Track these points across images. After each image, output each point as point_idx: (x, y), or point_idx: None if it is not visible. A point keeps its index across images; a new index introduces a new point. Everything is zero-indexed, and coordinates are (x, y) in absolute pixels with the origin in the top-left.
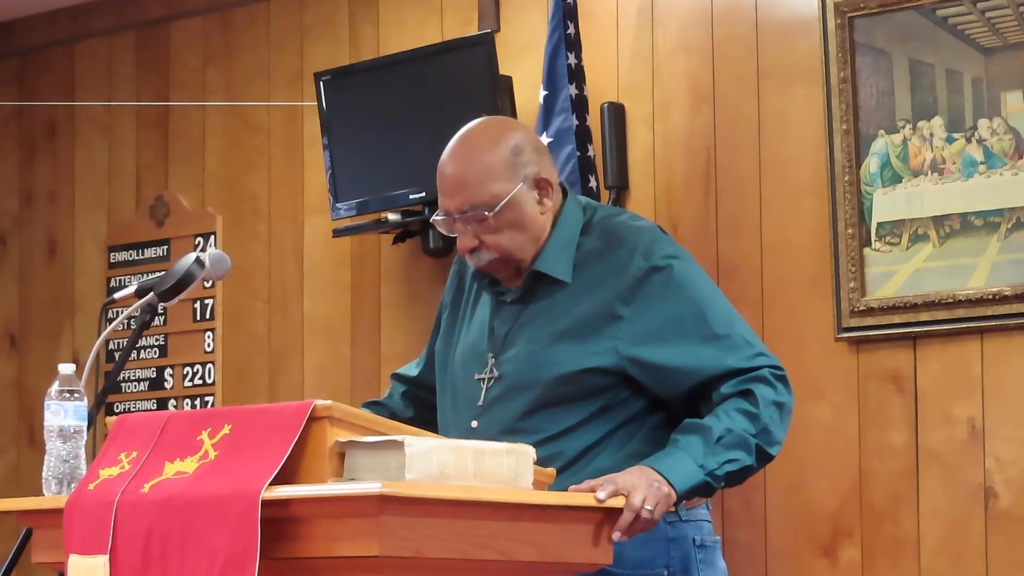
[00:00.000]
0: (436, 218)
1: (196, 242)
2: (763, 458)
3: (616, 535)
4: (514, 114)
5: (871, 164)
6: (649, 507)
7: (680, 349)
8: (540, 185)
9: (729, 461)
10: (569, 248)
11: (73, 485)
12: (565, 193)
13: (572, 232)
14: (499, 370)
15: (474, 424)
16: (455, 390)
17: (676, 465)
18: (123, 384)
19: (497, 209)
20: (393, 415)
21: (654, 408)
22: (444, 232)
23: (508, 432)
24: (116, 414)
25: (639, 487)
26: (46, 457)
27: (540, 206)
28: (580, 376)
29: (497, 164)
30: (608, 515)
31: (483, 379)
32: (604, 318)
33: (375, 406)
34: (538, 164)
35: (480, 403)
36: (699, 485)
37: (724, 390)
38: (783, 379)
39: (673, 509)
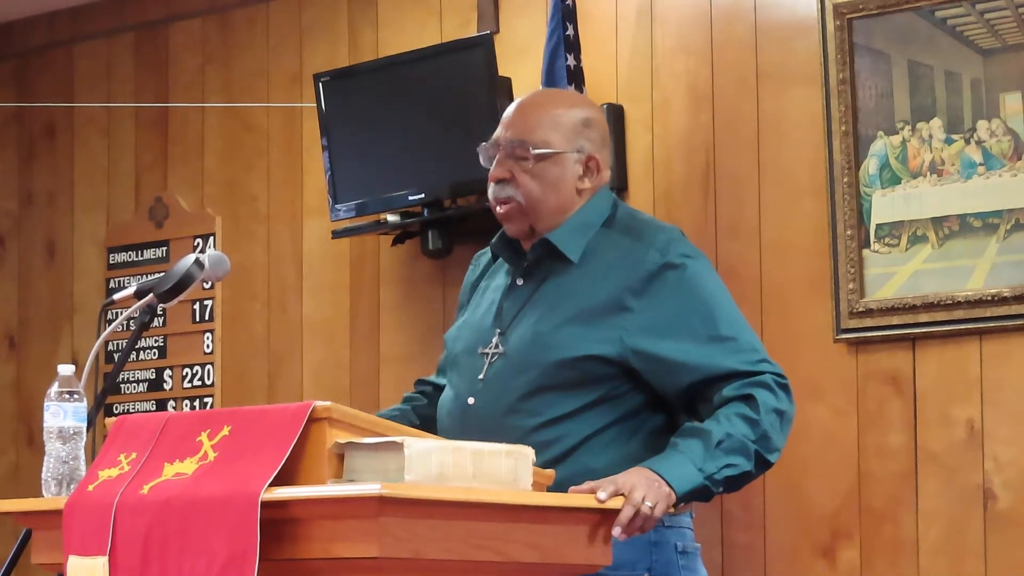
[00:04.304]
0: (482, 145)
1: (195, 243)
2: (762, 465)
3: (616, 531)
4: None
5: (870, 165)
6: (649, 503)
7: (685, 346)
8: (589, 165)
9: (728, 466)
10: (586, 232)
11: (72, 486)
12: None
13: (594, 219)
14: (504, 346)
15: (471, 401)
16: (458, 367)
17: (676, 467)
18: (122, 385)
19: (540, 152)
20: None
21: (654, 408)
22: (482, 161)
23: (507, 412)
24: (115, 415)
25: (639, 485)
26: (45, 458)
27: (579, 182)
28: (581, 362)
29: (564, 121)
30: (607, 516)
31: (487, 353)
32: (613, 307)
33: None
34: (597, 147)
35: (481, 376)
36: (698, 488)
37: (726, 392)
38: (785, 387)
39: (673, 511)
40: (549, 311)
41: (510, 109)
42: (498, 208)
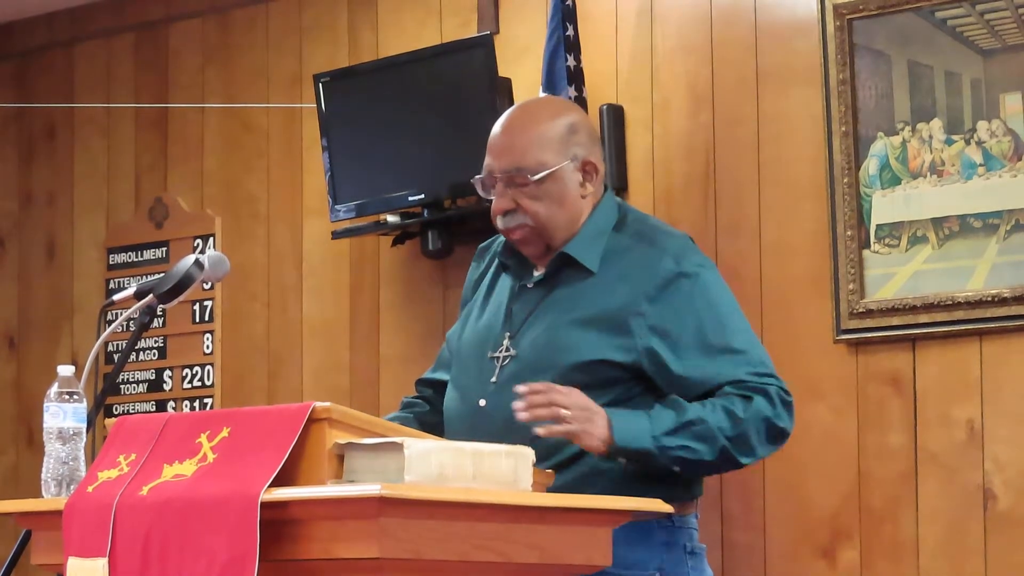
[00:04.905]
0: (477, 178)
1: (195, 244)
2: (729, 462)
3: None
4: None
5: (870, 166)
6: (567, 413)
7: (697, 359)
8: (586, 169)
9: (686, 448)
10: (600, 240)
11: (72, 487)
12: (604, 189)
13: (605, 225)
14: (515, 349)
15: (482, 403)
16: (466, 369)
17: (631, 422)
18: (122, 386)
19: (540, 176)
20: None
21: None
22: (481, 193)
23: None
24: (115, 416)
25: (580, 408)
26: (45, 459)
27: (582, 188)
28: (596, 366)
29: (550, 136)
30: (607, 517)
31: (498, 357)
32: (628, 313)
33: (411, 408)
34: (589, 149)
35: (493, 380)
36: (641, 451)
37: (728, 388)
38: (788, 404)
39: (605, 451)
40: (562, 314)
41: (495, 136)
42: (512, 235)
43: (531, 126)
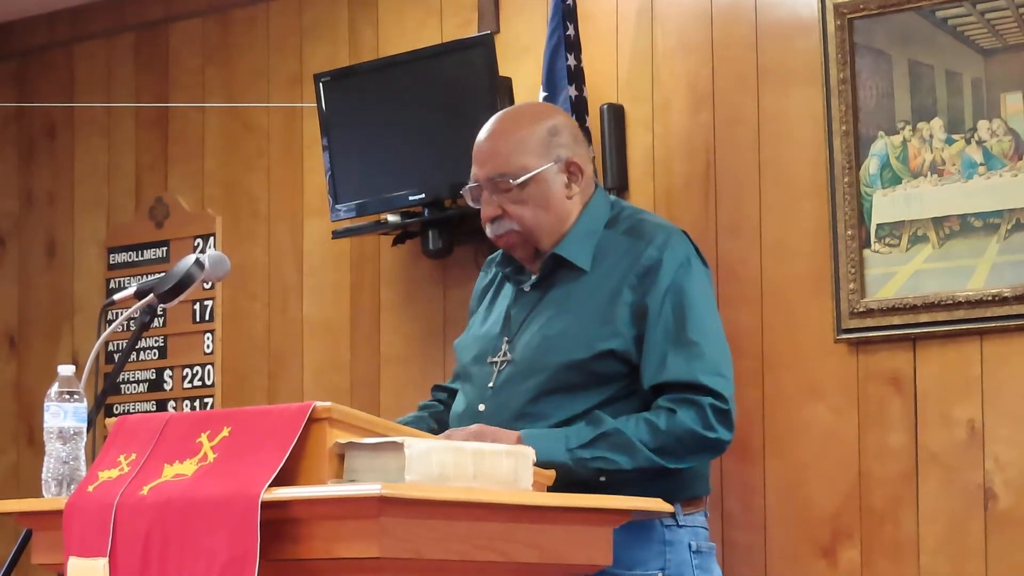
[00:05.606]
0: (465, 188)
1: (195, 243)
2: (654, 471)
3: None
4: None
5: (871, 165)
6: None
7: (656, 346)
8: (570, 169)
9: (603, 459)
10: (592, 239)
11: (72, 487)
12: (596, 187)
13: (597, 224)
14: (512, 353)
15: (481, 407)
16: (469, 377)
17: (546, 440)
18: (122, 385)
19: (522, 180)
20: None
21: None
22: (470, 202)
23: (516, 417)
24: (116, 416)
25: (489, 437)
26: (46, 458)
27: (567, 190)
28: (590, 363)
29: (531, 139)
30: (608, 516)
31: (496, 362)
32: (614, 303)
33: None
34: (572, 150)
35: (491, 384)
36: (559, 465)
37: (659, 401)
38: (723, 413)
39: None
40: (555, 315)
41: (478, 145)
42: (501, 242)
43: (511, 131)
